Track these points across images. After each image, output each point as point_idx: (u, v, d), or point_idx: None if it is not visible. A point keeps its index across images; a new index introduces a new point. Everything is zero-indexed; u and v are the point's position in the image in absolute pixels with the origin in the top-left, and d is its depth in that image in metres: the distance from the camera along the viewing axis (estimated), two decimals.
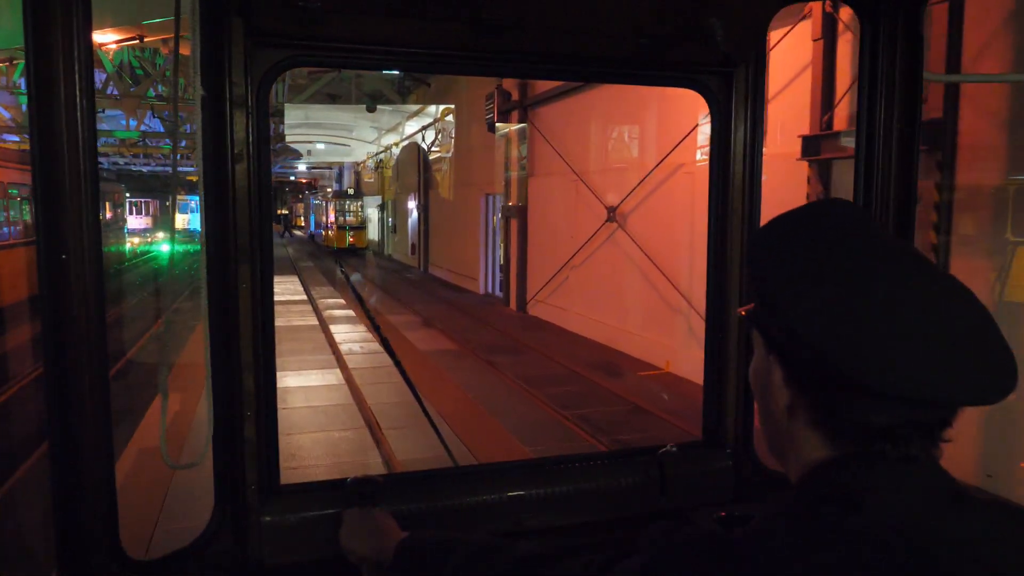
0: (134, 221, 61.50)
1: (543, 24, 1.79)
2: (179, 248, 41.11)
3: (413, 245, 30.83)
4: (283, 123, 28.04)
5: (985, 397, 0.77)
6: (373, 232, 40.58)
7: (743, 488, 2.15)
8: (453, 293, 21.98)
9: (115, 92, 24.72)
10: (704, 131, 9.54)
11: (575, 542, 1.93)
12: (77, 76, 1.42)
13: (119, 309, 17.44)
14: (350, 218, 39.18)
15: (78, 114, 1.43)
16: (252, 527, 1.77)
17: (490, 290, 21.05)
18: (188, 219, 64.86)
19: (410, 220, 31.61)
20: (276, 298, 1.87)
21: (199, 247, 1.59)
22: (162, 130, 31.46)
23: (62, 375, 1.47)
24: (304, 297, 20.69)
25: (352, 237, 37.95)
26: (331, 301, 19.44)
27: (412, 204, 30.78)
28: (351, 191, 39.72)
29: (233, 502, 1.76)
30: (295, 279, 26.66)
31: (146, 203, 59.52)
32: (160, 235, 48.88)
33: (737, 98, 2.07)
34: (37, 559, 5.30)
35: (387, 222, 38.66)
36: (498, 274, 20.91)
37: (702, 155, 10.04)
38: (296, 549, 1.79)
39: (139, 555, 1.64)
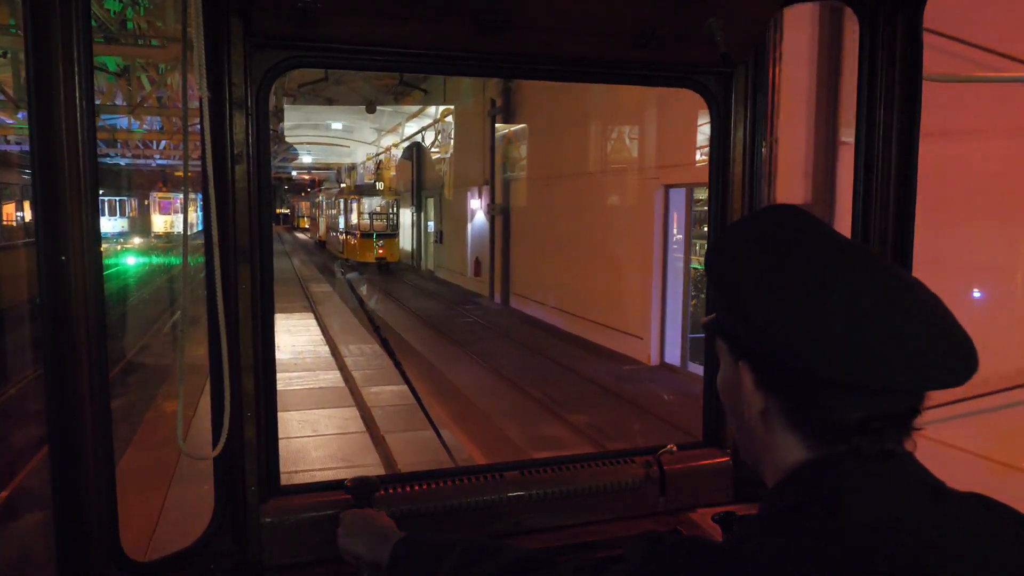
0: (106, 224, 52.50)
1: (543, 24, 1.89)
2: (152, 261, 31.37)
3: (477, 262, 23.68)
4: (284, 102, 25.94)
5: (951, 380, 0.84)
6: (404, 240, 34.60)
7: (742, 488, 2.25)
8: (592, 359, 13.55)
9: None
10: None
11: (574, 542, 2.00)
12: (77, 77, 1.51)
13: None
14: (378, 222, 32.23)
15: (78, 115, 1.52)
16: (252, 528, 1.88)
17: (671, 359, 13.03)
18: (172, 221, 56.15)
19: (471, 226, 24.59)
20: (289, 377, 2.26)
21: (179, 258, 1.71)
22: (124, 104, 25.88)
23: (62, 377, 1.56)
24: (335, 375, 12.09)
25: (382, 248, 30.83)
26: (389, 389, 10.72)
27: (476, 203, 23.84)
28: (380, 185, 32.52)
29: (233, 503, 1.88)
30: (310, 319, 18.43)
31: (121, 202, 53.68)
32: (137, 240, 43.98)
33: (737, 98, 2.18)
34: (37, 561, 5.26)
35: (424, 227, 32.00)
36: (687, 330, 12.67)
37: None
38: (296, 550, 1.89)
39: (139, 556, 1.73)
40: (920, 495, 0.86)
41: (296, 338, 15.17)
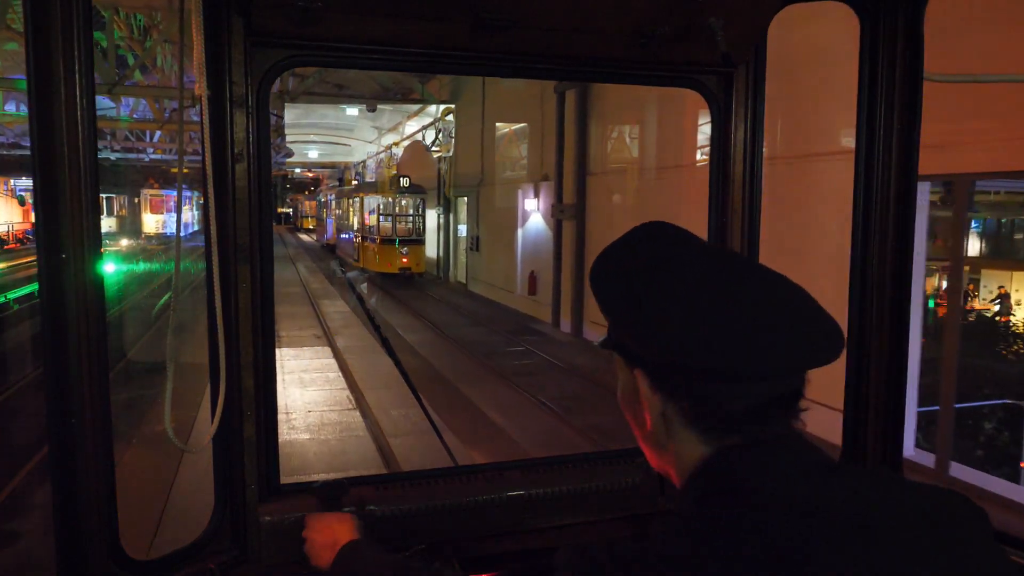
0: None
1: (543, 24, 1.95)
2: (140, 267, 27.97)
3: (533, 277, 19.58)
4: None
5: (817, 360, 0.92)
6: (429, 246, 30.72)
7: None
8: None
9: None
10: None
11: (574, 542, 1.89)
12: (77, 76, 1.54)
13: None
14: (402, 225, 27.49)
15: (78, 114, 1.55)
16: (252, 526, 1.94)
17: (908, 452, 8.32)
18: (164, 220, 52.53)
19: (522, 231, 20.76)
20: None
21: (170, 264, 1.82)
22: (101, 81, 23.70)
23: (62, 375, 1.60)
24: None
25: (406, 256, 26.57)
26: None
27: (531, 203, 20.01)
28: (405, 182, 28.49)
29: (233, 502, 1.94)
30: (327, 356, 14.20)
31: (109, 199, 50.26)
32: (125, 242, 40.44)
33: (737, 98, 2.23)
34: (36, 559, 5.43)
35: (454, 231, 28.53)
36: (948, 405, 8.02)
37: None
38: (296, 549, 1.92)
39: (139, 555, 1.76)
40: (813, 473, 0.91)
41: (311, 393, 10.88)
